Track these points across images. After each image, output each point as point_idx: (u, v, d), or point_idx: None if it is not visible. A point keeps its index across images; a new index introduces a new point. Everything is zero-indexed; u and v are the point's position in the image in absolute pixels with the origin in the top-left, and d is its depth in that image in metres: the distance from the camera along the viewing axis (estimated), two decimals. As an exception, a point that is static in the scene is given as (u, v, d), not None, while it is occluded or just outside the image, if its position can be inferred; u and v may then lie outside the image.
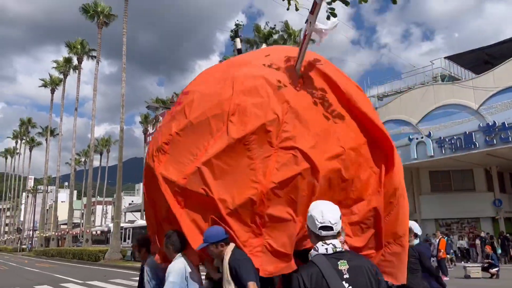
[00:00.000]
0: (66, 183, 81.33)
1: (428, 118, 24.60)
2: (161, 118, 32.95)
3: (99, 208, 78.17)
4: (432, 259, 16.71)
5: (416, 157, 24.41)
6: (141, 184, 38.25)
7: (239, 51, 7.15)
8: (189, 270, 3.58)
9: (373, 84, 33.47)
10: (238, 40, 7.26)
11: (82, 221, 64.98)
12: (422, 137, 24.17)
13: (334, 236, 2.13)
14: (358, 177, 3.62)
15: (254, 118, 3.53)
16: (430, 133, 23.92)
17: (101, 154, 72.33)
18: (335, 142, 3.56)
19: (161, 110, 32.68)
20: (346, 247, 2.33)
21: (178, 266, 3.60)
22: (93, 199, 62.62)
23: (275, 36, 33.58)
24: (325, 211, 2.14)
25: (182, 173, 3.63)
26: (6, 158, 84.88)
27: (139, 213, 44.92)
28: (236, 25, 7.69)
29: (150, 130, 51.75)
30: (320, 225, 2.11)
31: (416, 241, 5.29)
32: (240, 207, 3.43)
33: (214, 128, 3.63)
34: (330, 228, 2.12)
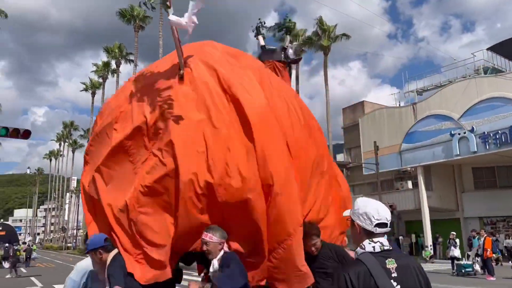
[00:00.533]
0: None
1: (471, 113, 23.69)
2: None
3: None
4: (477, 258, 16.11)
5: (458, 153, 23.58)
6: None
7: (263, 48, 7.12)
8: (93, 269, 3.64)
9: (412, 79, 32.45)
10: (260, 37, 7.29)
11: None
12: (464, 133, 23.31)
13: (383, 234, 2.08)
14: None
15: (129, 123, 3.64)
16: (473, 128, 23.03)
17: (139, 155, 74.42)
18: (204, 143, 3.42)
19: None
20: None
21: (81, 265, 3.74)
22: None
23: (309, 33, 33.31)
24: (380, 208, 2.10)
25: (87, 181, 3.90)
26: (51, 160, 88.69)
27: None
28: (260, 23, 7.69)
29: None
30: (377, 222, 2.06)
31: None
32: (121, 212, 3.47)
33: (108, 136, 3.82)
34: (385, 225, 2.08)
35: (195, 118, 3.45)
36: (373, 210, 2.10)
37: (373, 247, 2.03)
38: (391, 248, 2.08)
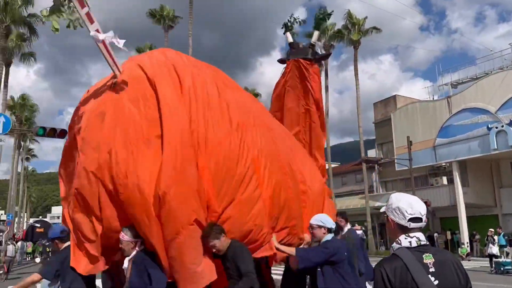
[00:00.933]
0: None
1: (509, 105, 22.77)
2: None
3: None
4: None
5: (496, 147, 22.73)
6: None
7: (291, 45, 6.98)
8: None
9: (446, 72, 31.58)
10: (289, 34, 7.14)
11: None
12: (502, 126, 22.44)
13: (420, 229, 2.06)
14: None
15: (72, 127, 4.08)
16: (511, 121, 22.15)
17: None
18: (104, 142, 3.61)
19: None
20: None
21: None
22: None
23: (337, 27, 32.87)
24: (413, 202, 2.07)
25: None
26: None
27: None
28: (291, 18, 7.49)
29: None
30: (410, 216, 2.04)
31: (329, 237, 4.25)
32: (69, 209, 3.88)
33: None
34: (419, 220, 2.05)
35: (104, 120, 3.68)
36: (406, 204, 2.07)
37: (410, 242, 2.01)
38: (428, 243, 2.05)
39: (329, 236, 4.27)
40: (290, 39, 6.93)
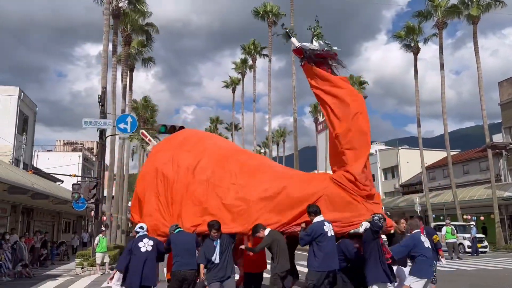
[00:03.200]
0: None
1: None
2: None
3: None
4: None
5: None
6: (315, 171, 39.42)
7: (296, 51, 7.30)
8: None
9: None
10: (293, 39, 7.37)
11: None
12: None
13: None
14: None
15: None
16: None
17: (277, 145, 76.84)
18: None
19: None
20: None
21: None
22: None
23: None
24: None
25: None
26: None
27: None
28: (285, 29, 7.84)
29: (320, 118, 52.57)
30: None
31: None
32: None
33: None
34: None
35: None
36: None
37: None
38: None
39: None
40: (297, 43, 7.28)
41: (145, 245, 6.30)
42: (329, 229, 6.05)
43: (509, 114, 31.37)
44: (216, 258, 6.05)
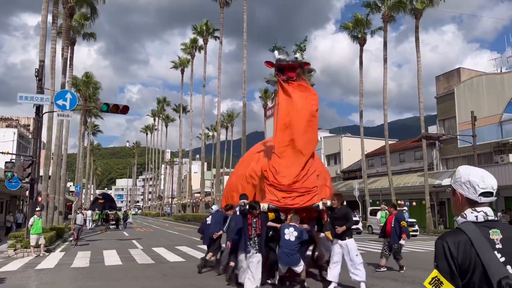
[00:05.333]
0: (198, 156, 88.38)
1: None
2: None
3: (226, 178, 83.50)
4: None
5: None
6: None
7: (276, 62, 8.91)
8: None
9: (517, 41, 29.09)
10: (276, 52, 9.06)
11: (212, 190, 70.34)
12: None
13: (488, 204, 1.96)
14: None
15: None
16: None
17: (226, 129, 76.59)
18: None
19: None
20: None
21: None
22: (221, 170, 67.12)
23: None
24: (485, 176, 1.96)
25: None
26: (147, 133, 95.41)
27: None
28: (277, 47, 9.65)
29: (269, 104, 53.01)
30: (482, 190, 1.94)
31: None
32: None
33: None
34: (491, 194, 1.95)
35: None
36: (477, 178, 1.97)
37: (476, 216, 1.93)
38: (496, 218, 1.96)
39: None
40: (277, 56, 9.00)
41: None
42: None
43: (444, 107, 33.33)
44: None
